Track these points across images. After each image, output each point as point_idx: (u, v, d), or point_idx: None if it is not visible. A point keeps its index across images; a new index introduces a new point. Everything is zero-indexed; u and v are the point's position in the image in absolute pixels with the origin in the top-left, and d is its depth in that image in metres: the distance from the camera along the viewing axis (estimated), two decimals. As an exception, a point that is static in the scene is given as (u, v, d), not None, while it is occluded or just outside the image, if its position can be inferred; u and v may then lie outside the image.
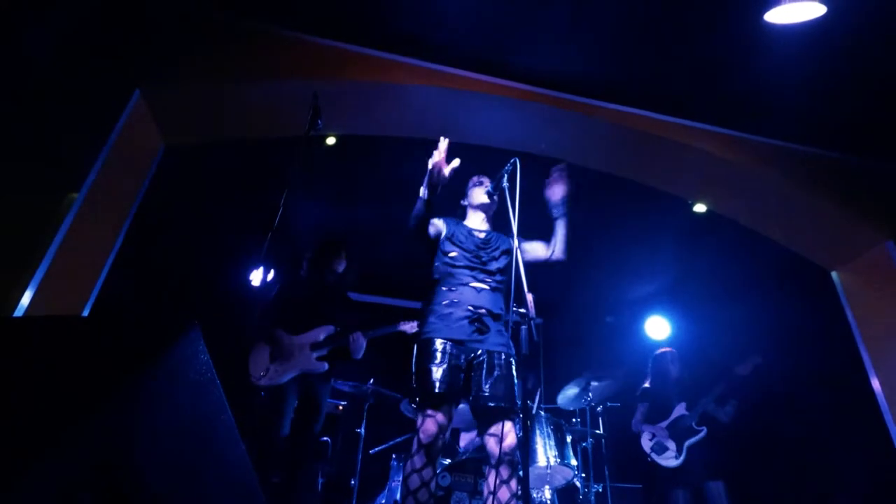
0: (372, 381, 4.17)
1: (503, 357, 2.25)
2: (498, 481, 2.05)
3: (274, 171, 4.26)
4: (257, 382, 3.13)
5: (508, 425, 2.11)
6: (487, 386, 2.16)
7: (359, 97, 3.56)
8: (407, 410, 4.07)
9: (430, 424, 2.10)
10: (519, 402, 2.15)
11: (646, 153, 3.90)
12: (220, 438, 1.04)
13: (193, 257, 5.16)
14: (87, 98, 2.89)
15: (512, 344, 2.33)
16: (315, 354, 3.26)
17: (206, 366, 0.97)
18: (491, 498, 2.05)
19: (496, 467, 2.07)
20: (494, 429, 2.13)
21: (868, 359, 3.68)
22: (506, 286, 2.50)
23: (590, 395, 4.10)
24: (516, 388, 2.19)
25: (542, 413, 3.68)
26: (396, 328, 3.56)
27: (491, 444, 2.12)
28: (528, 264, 2.42)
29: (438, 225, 2.55)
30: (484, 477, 3.41)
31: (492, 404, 2.13)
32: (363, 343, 3.37)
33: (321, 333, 3.33)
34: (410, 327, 3.55)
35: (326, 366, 3.25)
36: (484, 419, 2.19)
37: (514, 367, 2.26)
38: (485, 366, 2.21)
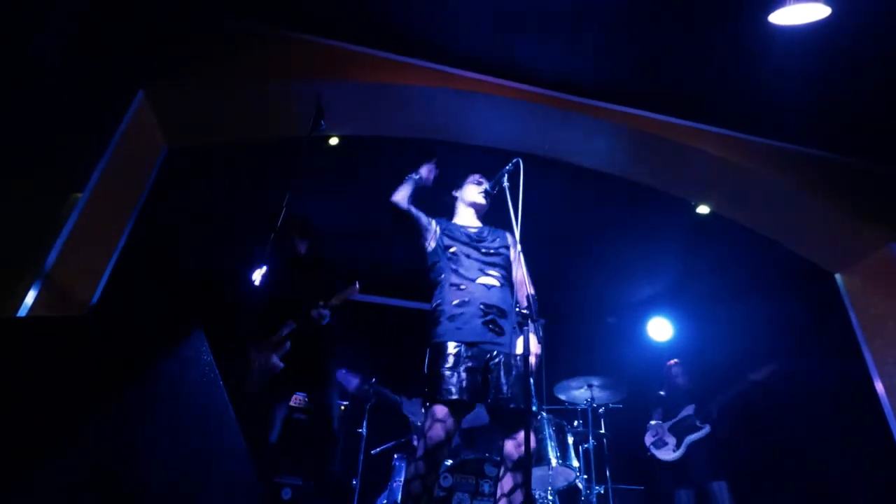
0: (374, 380, 4.17)
1: (520, 357, 2.15)
2: (513, 484, 2.03)
3: (277, 172, 4.27)
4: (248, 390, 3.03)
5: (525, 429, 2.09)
6: (507, 387, 2.11)
7: (362, 98, 3.56)
8: (408, 411, 4.07)
9: (438, 430, 2.03)
10: (535, 403, 2.13)
11: (649, 154, 3.89)
12: (222, 439, 1.04)
13: (196, 258, 5.17)
14: (91, 99, 2.90)
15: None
16: (276, 356, 3.08)
17: (209, 367, 0.97)
18: (504, 500, 2.04)
19: (513, 471, 2.05)
20: (513, 432, 2.09)
21: (872, 362, 3.67)
22: (510, 282, 2.43)
23: (592, 395, 4.10)
24: (533, 388, 2.11)
25: (545, 414, 3.67)
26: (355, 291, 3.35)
27: (510, 447, 2.09)
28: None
29: (426, 218, 2.52)
30: (486, 477, 3.42)
31: (512, 406, 2.08)
32: (327, 313, 3.20)
33: (283, 331, 3.15)
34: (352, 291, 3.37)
35: (282, 364, 3.08)
36: (503, 423, 2.15)
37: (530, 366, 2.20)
38: (502, 367, 2.14)
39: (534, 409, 2.10)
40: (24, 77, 2.85)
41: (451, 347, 2.15)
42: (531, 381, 2.08)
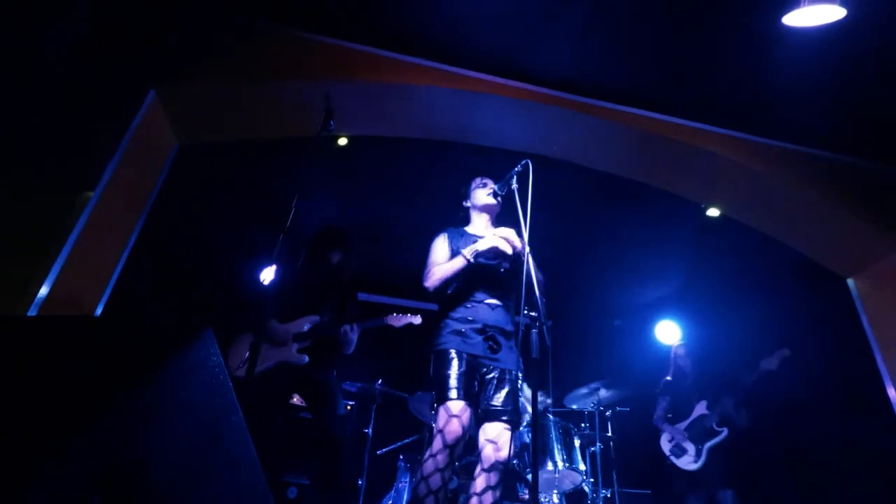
0: (380, 381, 4.18)
1: (514, 374, 2.36)
2: (486, 485, 2.16)
3: (286, 171, 4.29)
4: (235, 373, 3.01)
5: (507, 436, 2.23)
6: (497, 398, 2.29)
7: (371, 98, 3.56)
8: (415, 410, 4.07)
9: (455, 425, 2.16)
10: (523, 416, 2.29)
11: (659, 156, 3.87)
12: (230, 439, 1.04)
13: (206, 256, 5.20)
14: (103, 98, 2.92)
15: (521, 361, 2.41)
16: (296, 346, 3.08)
17: (219, 367, 0.97)
18: (476, 499, 2.15)
19: (488, 472, 2.18)
20: (494, 436, 2.22)
21: (884, 367, 3.62)
22: (515, 295, 2.53)
23: (599, 398, 4.08)
24: (520, 404, 2.36)
25: (551, 417, 3.66)
26: (383, 322, 3.38)
27: (488, 450, 2.21)
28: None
29: (446, 252, 2.57)
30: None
31: (504, 418, 2.25)
32: (353, 338, 3.16)
33: (306, 324, 3.14)
34: (398, 321, 3.42)
35: (307, 358, 3.07)
36: (489, 430, 2.28)
37: (521, 384, 2.41)
38: (496, 381, 2.33)
39: (521, 419, 2.30)
40: (36, 77, 2.88)
41: (454, 354, 2.33)
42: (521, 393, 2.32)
